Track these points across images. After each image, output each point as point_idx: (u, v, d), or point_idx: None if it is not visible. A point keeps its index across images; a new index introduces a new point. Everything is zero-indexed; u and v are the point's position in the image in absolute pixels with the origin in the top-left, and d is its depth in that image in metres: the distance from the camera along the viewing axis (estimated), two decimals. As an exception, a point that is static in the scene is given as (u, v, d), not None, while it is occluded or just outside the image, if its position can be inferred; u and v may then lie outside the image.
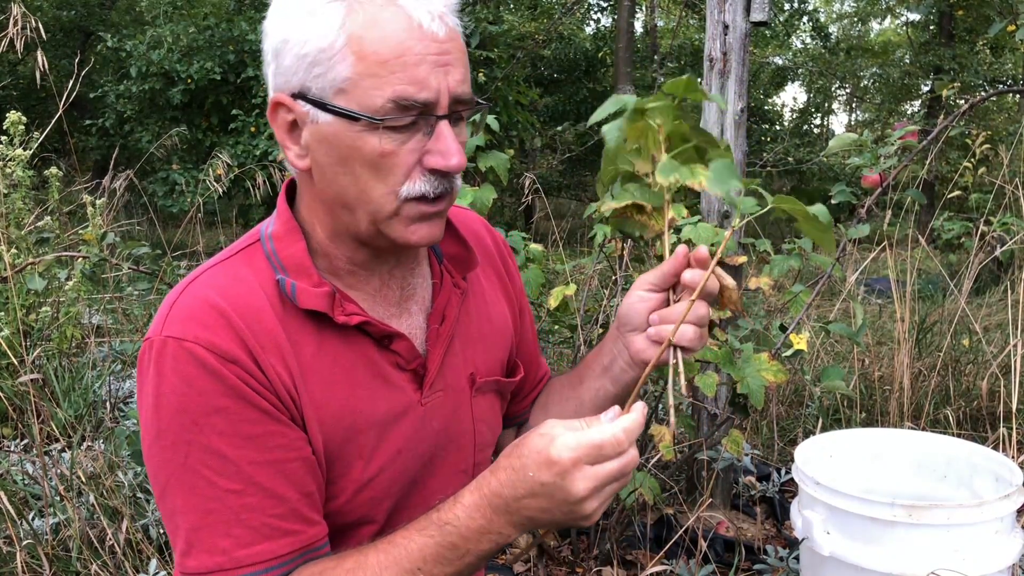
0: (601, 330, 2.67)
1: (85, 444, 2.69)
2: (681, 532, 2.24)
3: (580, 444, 0.84)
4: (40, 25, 3.05)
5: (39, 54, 3.10)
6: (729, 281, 1.00)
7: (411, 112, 0.89)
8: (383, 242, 0.97)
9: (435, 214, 0.96)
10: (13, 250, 3.28)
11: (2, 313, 3.10)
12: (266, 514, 0.91)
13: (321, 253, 1.00)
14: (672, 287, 1.01)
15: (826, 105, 22.40)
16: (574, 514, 0.87)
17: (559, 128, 13.63)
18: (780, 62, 18.33)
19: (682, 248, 0.98)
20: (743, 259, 2.45)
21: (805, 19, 15.75)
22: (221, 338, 0.90)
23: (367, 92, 0.88)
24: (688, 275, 0.96)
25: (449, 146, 0.91)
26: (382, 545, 0.91)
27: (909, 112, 17.06)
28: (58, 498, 2.23)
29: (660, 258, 1.01)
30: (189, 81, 10.00)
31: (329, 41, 0.88)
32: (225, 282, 0.94)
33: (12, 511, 2.05)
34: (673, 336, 0.97)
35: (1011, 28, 4.02)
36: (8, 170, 3.46)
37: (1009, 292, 3.07)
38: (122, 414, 2.96)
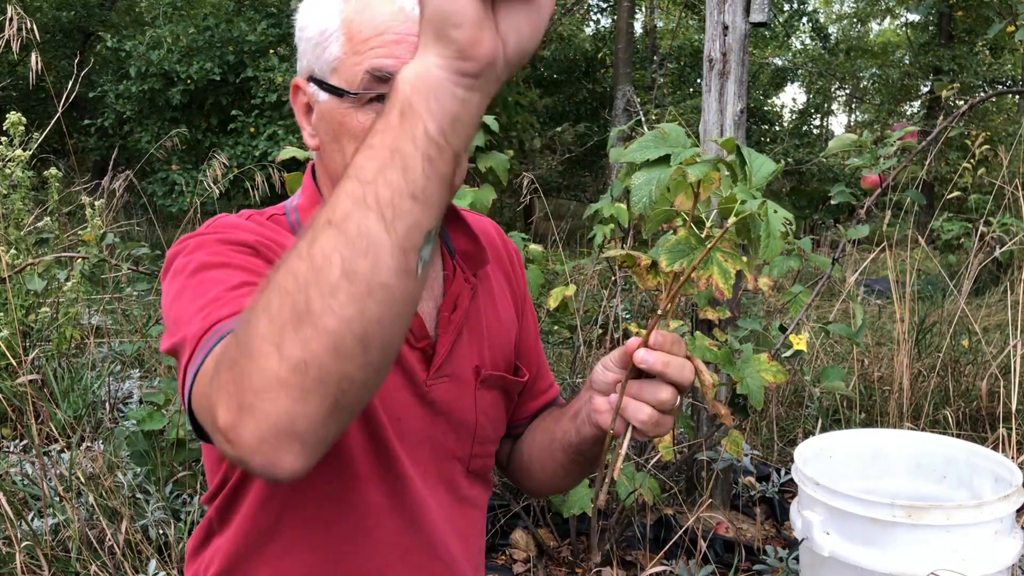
0: (600, 330, 2.68)
1: (84, 445, 2.69)
2: (681, 532, 2.24)
3: None
4: (35, 26, 3.05)
5: (35, 55, 3.10)
6: (706, 378, 0.92)
7: (387, 84, 0.93)
8: None
9: None
10: (12, 251, 3.28)
11: (1, 314, 3.10)
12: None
13: None
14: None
15: (825, 106, 22.39)
16: None
17: (558, 129, 13.64)
18: (780, 63, 18.34)
19: (633, 341, 0.91)
20: (743, 260, 2.45)
21: (804, 20, 15.76)
22: (279, 237, 0.95)
23: (351, 69, 0.95)
24: (640, 356, 0.89)
25: None
26: None
27: (908, 113, 17.06)
28: (57, 499, 2.23)
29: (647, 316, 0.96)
30: (188, 82, 10.01)
31: (327, 24, 0.96)
32: (257, 224, 1.00)
33: (11, 512, 2.04)
34: (616, 410, 0.91)
35: (1010, 29, 4.02)
36: (8, 171, 3.45)
37: (1008, 293, 3.06)
38: (121, 415, 2.96)
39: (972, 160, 4.48)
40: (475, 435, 1.13)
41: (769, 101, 19.27)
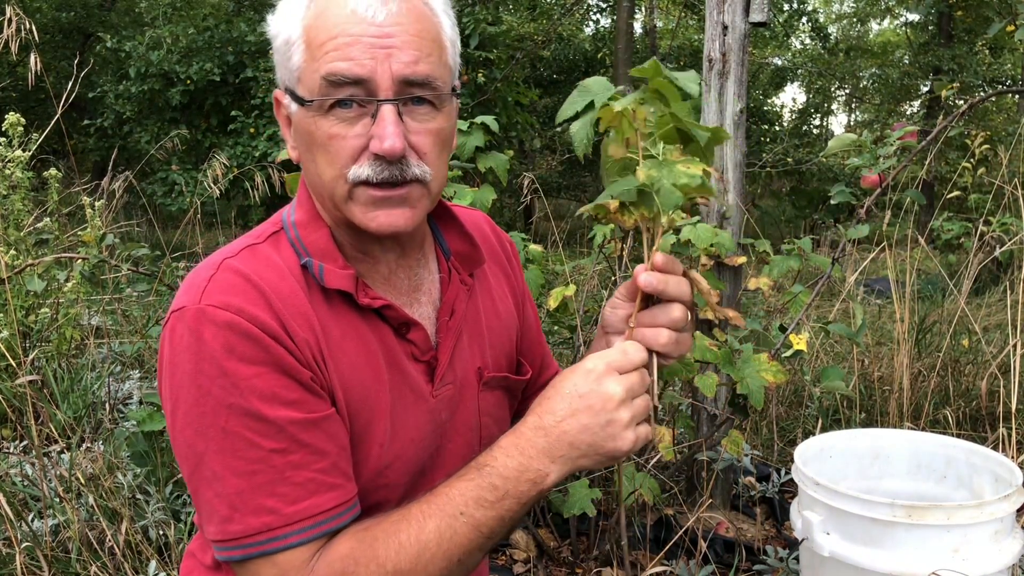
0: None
1: (84, 445, 2.69)
2: (681, 533, 2.24)
3: (608, 353, 0.93)
4: (35, 27, 3.05)
5: (34, 56, 3.10)
6: (704, 285, 1.00)
7: (343, 89, 0.91)
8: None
9: (387, 200, 0.95)
10: (12, 251, 3.28)
11: (1, 315, 3.10)
12: (311, 469, 0.91)
13: (337, 242, 1.03)
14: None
15: (825, 106, 22.38)
16: (613, 425, 0.89)
17: (558, 129, 13.63)
18: (779, 63, 18.32)
19: (639, 268, 0.98)
20: (742, 259, 2.45)
21: (804, 20, 15.75)
22: (261, 312, 0.91)
23: (310, 77, 0.93)
24: (643, 279, 0.95)
25: (384, 130, 0.91)
26: (426, 496, 0.94)
27: (908, 113, 17.05)
28: (57, 500, 2.23)
29: (639, 260, 1.00)
30: (188, 82, 10.00)
31: (289, 34, 0.95)
32: (258, 265, 0.96)
33: (11, 513, 2.04)
34: (628, 333, 0.98)
35: (1010, 28, 4.02)
36: (7, 171, 3.45)
37: (1008, 292, 3.06)
38: (121, 415, 2.96)
39: (972, 160, 4.48)
40: (480, 437, 1.13)
41: (769, 101, 19.26)
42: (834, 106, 24.09)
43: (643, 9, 12.69)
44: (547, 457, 0.90)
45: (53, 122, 3.36)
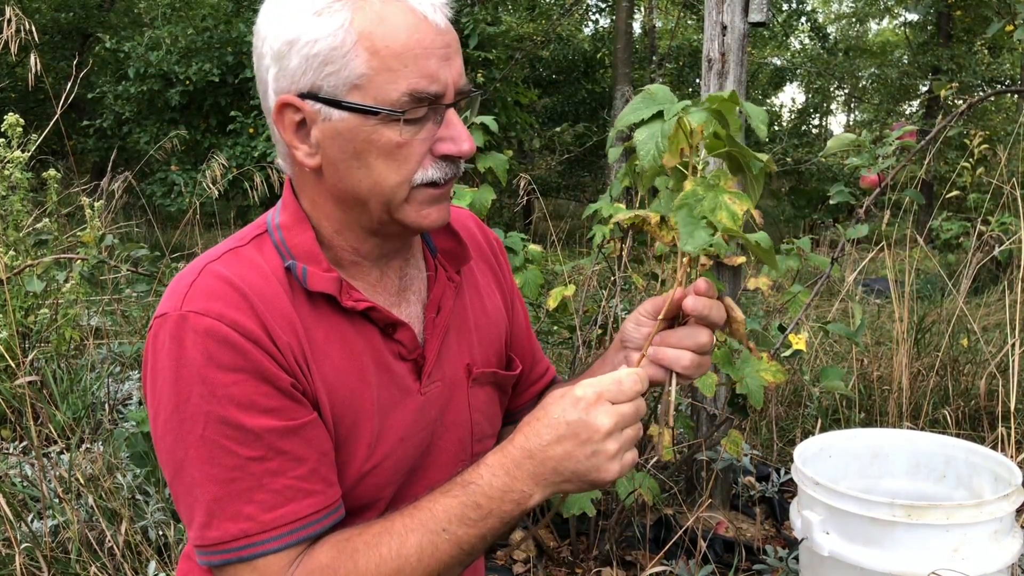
0: (600, 331, 2.68)
1: (84, 446, 2.68)
2: (681, 533, 2.24)
3: (602, 382, 0.92)
4: (34, 28, 3.05)
5: (34, 56, 3.10)
6: (738, 314, 1.00)
7: (424, 104, 0.93)
8: (394, 229, 1.00)
9: (443, 196, 1.00)
10: (11, 252, 3.28)
11: (0, 315, 3.10)
12: (288, 476, 0.92)
13: (325, 246, 1.02)
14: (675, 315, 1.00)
15: (824, 105, 22.39)
16: (598, 456, 0.89)
17: (558, 129, 13.63)
18: (778, 63, 18.33)
19: (678, 290, 0.98)
20: (742, 259, 2.45)
21: (803, 19, 15.75)
22: (242, 316, 0.91)
23: (383, 87, 0.91)
24: (691, 303, 0.96)
25: (460, 132, 0.96)
26: (408, 509, 0.94)
27: (907, 112, 17.06)
28: (57, 500, 2.23)
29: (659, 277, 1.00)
30: (187, 82, 10.00)
31: (340, 40, 0.91)
32: (241, 268, 0.96)
33: (11, 513, 2.04)
34: (645, 351, 0.99)
35: (1009, 28, 4.02)
36: (6, 172, 3.45)
37: (1007, 292, 3.06)
38: (121, 416, 2.96)
39: (971, 159, 4.49)
40: (472, 433, 1.13)
41: (768, 101, 19.28)
42: (833, 106, 24.12)
43: (642, 9, 12.69)
44: (531, 480, 0.91)
45: (52, 123, 3.36)
